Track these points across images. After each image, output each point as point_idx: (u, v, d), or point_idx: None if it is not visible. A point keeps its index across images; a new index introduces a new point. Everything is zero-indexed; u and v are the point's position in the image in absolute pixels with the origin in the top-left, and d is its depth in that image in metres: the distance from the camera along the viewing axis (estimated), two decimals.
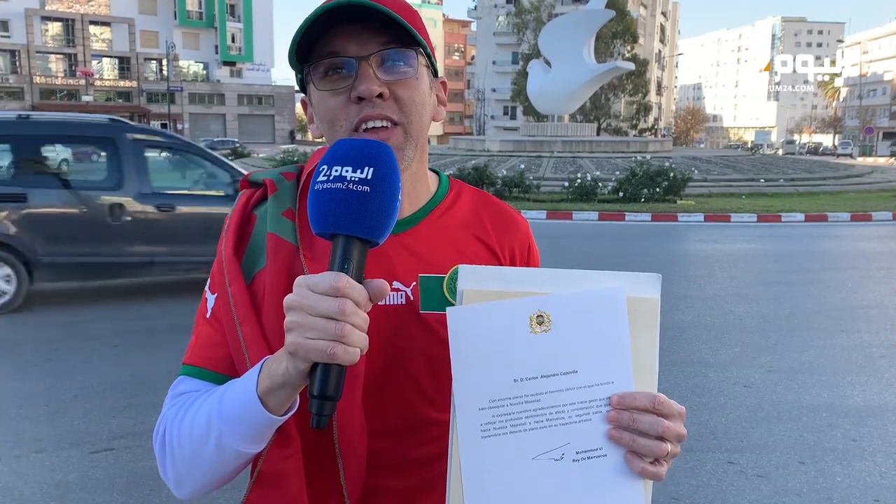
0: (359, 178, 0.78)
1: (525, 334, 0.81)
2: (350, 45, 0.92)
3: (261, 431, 0.84)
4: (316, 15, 0.89)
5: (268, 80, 75.64)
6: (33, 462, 3.95)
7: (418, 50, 0.95)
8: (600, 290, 0.83)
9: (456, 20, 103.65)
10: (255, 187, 1.07)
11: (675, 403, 0.84)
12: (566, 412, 0.81)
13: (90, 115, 8.56)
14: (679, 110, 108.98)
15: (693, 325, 6.98)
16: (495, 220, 1.10)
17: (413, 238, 1.02)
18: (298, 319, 0.75)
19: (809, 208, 16.94)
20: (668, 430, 0.82)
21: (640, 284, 0.84)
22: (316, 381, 0.76)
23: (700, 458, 4.07)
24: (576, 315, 0.82)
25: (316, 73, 0.95)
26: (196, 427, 0.88)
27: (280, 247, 0.97)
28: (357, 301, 0.75)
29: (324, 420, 0.76)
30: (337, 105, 0.94)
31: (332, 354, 0.73)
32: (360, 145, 0.82)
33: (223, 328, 0.96)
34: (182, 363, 0.99)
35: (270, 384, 0.81)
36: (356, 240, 0.79)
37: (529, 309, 0.81)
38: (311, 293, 0.75)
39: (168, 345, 5.99)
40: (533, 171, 20.44)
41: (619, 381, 0.82)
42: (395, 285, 0.99)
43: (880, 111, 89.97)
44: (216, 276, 1.00)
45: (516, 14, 56.06)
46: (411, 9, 0.99)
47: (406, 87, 0.95)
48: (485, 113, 70.39)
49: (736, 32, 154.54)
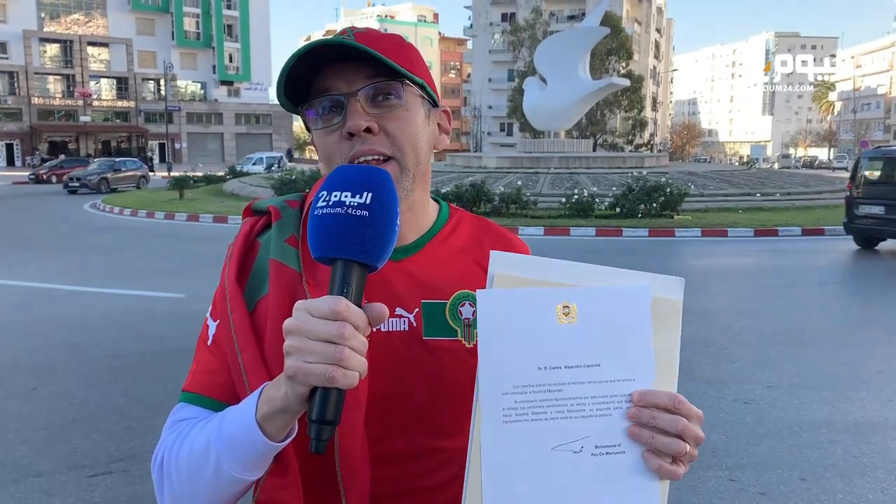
0: (358, 203, 0.80)
1: (551, 323, 0.82)
2: (338, 82, 0.95)
3: (259, 458, 0.84)
4: (298, 56, 0.91)
5: (265, 100, 75.86)
6: (31, 486, 3.92)
7: (404, 82, 0.97)
8: (627, 287, 0.84)
9: (452, 38, 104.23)
10: (258, 215, 1.08)
11: (694, 407, 0.85)
12: (587, 405, 0.82)
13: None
14: (675, 125, 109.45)
15: (692, 341, 6.97)
16: (495, 246, 1.10)
17: (415, 265, 1.03)
18: (297, 343, 0.76)
19: (806, 222, 16.96)
20: (686, 429, 0.82)
21: (664, 285, 0.86)
22: (315, 406, 0.76)
23: (701, 475, 4.05)
24: (601, 309, 0.83)
25: (310, 113, 0.98)
26: (194, 452, 0.88)
27: (283, 273, 0.98)
28: (356, 325, 0.76)
29: (322, 445, 0.76)
30: (331, 142, 0.97)
31: (331, 378, 0.74)
32: (359, 171, 0.84)
33: (224, 355, 0.97)
34: (182, 389, 1.00)
35: (269, 409, 0.81)
36: (355, 264, 0.80)
37: (557, 299, 0.82)
38: (310, 317, 0.76)
39: (167, 367, 5.97)
40: (530, 188, 20.47)
41: (641, 379, 0.83)
42: (398, 311, 1.00)
43: (874, 124, 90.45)
44: (218, 302, 1.00)
45: (512, 32, 56.34)
46: (403, 44, 1.01)
47: (395, 119, 0.96)
48: (481, 129, 70.65)
49: (730, 48, 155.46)
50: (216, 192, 27.60)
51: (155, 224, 18.78)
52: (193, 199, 23.97)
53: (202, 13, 71.02)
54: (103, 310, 8.37)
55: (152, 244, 14.83)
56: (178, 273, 11.00)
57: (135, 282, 10.10)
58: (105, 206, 22.53)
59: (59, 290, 9.55)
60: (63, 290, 9.56)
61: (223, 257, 1.05)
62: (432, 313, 1.01)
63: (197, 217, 19.30)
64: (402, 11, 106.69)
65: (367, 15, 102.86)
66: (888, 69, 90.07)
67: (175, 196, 24.68)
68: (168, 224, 18.75)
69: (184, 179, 26.53)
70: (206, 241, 14.61)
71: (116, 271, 11.23)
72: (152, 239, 15.61)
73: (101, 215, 21.04)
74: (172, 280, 10.23)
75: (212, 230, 16.87)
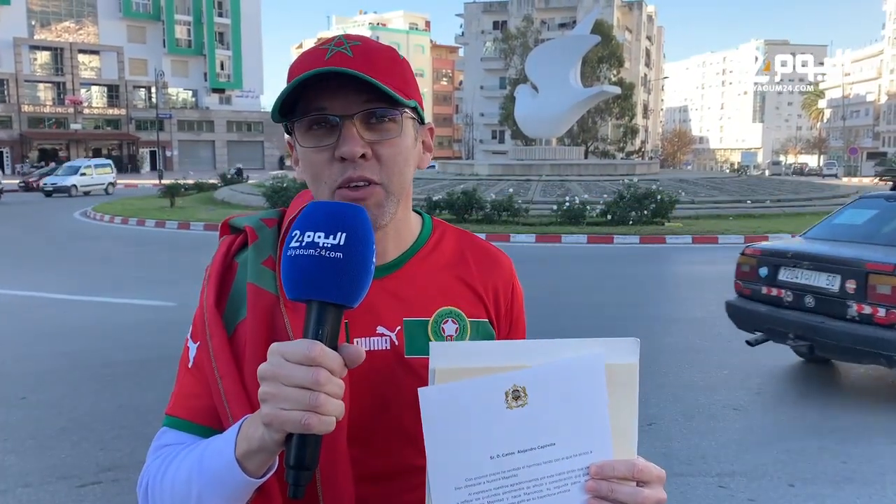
0: (331, 245, 0.79)
1: (501, 410, 0.80)
2: (334, 103, 0.92)
3: (240, 492, 0.85)
4: (303, 79, 0.90)
5: (257, 107, 75.83)
6: (20, 497, 3.90)
7: (401, 108, 0.96)
8: (578, 359, 0.81)
9: (444, 46, 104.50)
10: (235, 233, 1.07)
11: (655, 467, 0.84)
12: (544, 485, 0.80)
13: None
14: (666, 133, 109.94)
15: (682, 348, 7.00)
16: (479, 261, 1.10)
17: (397, 282, 1.02)
18: (272, 390, 0.75)
19: (796, 229, 16.94)
20: (647, 499, 0.82)
21: (618, 350, 0.82)
22: (292, 452, 0.76)
23: (690, 482, 4.07)
24: (553, 387, 0.80)
25: (300, 128, 0.95)
26: (177, 485, 0.88)
27: (260, 297, 0.98)
28: (332, 369, 0.76)
29: (300, 490, 0.77)
30: (320, 161, 0.95)
31: (307, 425, 0.74)
32: (332, 209, 0.82)
33: (205, 378, 0.97)
34: (165, 412, 1.00)
35: (248, 448, 0.81)
36: (330, 305, 0.79)
37: (505, 385, 0.80)
38: (285, 362, 0.75)
39: (157, 375, 5.94)
40: (522, 195, 20.52)
41: (598, 450, 0.81)
42: (380, 330, 0.99)
43: (864, 132, 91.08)
44: (198, 325, 1.00)
45: (503, 40, 56.58)
46: (397, 61, 0.99)
47: (389, 145, 0.95)
48: (473, 137, 70.74)
49: (720, 55, 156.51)
50: (207, 199, 27.54)
51: (145, 232, 18.71)
52: (184, 207, 23.91)
53: (193, 21, 70.99)
54: (93, 318, 8.34)
55: (142, 252, 14.79)
56: (169, 281, 10.96)
57: (125, 290, 10.06)
58: (95, 214, 22.44)
59: (48, 298, 9.50)
60: (52, 298, 9.51)
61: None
62: (414, 331, 1.00)
63: (188, 225, 19.25)
64: (393, 19, 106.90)
65: (359, 23, 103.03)
66: (877, 77, 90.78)
67: (166, 204, 24.60)
68: (159, 232, 18.69)
69: (175, 187, 26.47)
70: (197, 249, 14.55)
71: (106, 279, 11.17)
72: (142, 247, 15.55)
73: (92, 223, 20.96)
74: (163, 288, 10.20)
75: (203, 238, 16.81)
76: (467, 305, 1.05)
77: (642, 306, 8.95)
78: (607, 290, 10.25)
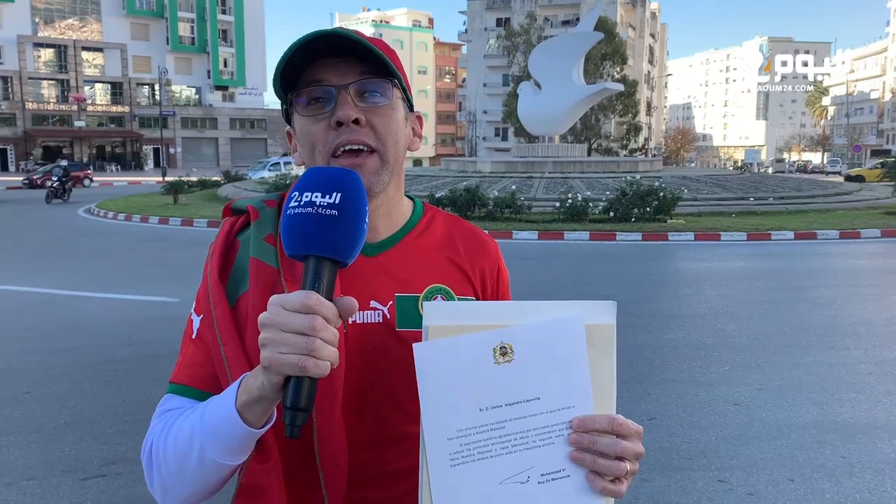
0: (327, 203, 0.85)
1: (489, 365, 0.85)
2: (331, 75, 1.00)
3: (240, 444, 0.89)
4: (299, 44, 0.96)
5: (260, 104, 75.92)
6: (24, 490, 3.93)
7: (393, 81, 1.03)
8: (560, 320, 0.86)
9: (447, 43, 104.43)
10: (237, 214, 1.13)
11: (633, 423, 0.88)
12: (530, 437, 0.85)
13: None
14: (669, 130, 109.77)
15: (683, 344, 7.02)
16: (467, 243, 1.16)
17: (389, 259, 1.08)
18: (272, 336, 0.80)
19: (799, 226, 17.03)
20: (626, 450, 0.86)
21: (597, 312, 0.88)
22: (288, 394, 0.80)
23: (690, 476, 4.09)
24: (537, 345, 0.86)
25: (299, 101, 1.02)
26: (180, 441, 0.93)
27: (262, 270, 1.02)
28: (327, 317, 0.80)
29: (297, 430, 0.81)
30: (317, 131, 1.01)
31: (304, 367, 0.78)
32: (329, 173, 0.88)
33: (208, 348, 1.01)
34: (169, 381, 1.05)
35: (248, 398, 0.85)
36: (326, 260, 0.84)
37: (493, 341, 0.85)
38: (283, 310, 0.80)
39: (161, 371, 5.97)
40: (524, 192, 20.53)
41: (580, 405, 0.86)
42: (373, 304, 1.04)
43: (867, 129, 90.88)
44: (202, 298, 1.05)
45: (506, 37, 56.53)
46: (388, 47, 1.06)
47: (381, 115, 1.02)
48: (476, 134, 70.73)
49: (724, 53, 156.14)
50: (211, 196, 27.59)
51: (149, 229, 18.76)
52: (188, 205, 23.95)
53: (197, 18, 71.06)
54: (97, 314, 8.37)
55: (146, 249, 14.83)
56: (172, 277, 10.99)
57: (129, 286, 10.10)
58: (99, 211, 22.49)
59: (53, 294, 9.55)
60: (57, 294, 9.55)
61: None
62: (405, 306, 1.06)
63: (191, 222, 19.29)
64: (397, 16, 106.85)
65: (362, 20, 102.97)
66: (881, 74, 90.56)
67: (169, 201, 24.66)
68: (162, 229, 18.73)
69: (178, 184, 26.51)
70: (200, 245, 14.58)
71: (110, 276, 11.22)
72: (146, 243, 15.60)
73: (96, 220, 21.00)
74: (166, 284, 10.23)
75: (206, 234, 16.84)
76: (456, 284, 1.11)
77: (644, 303, 8.96)
78: (610, 287, 10.26)
